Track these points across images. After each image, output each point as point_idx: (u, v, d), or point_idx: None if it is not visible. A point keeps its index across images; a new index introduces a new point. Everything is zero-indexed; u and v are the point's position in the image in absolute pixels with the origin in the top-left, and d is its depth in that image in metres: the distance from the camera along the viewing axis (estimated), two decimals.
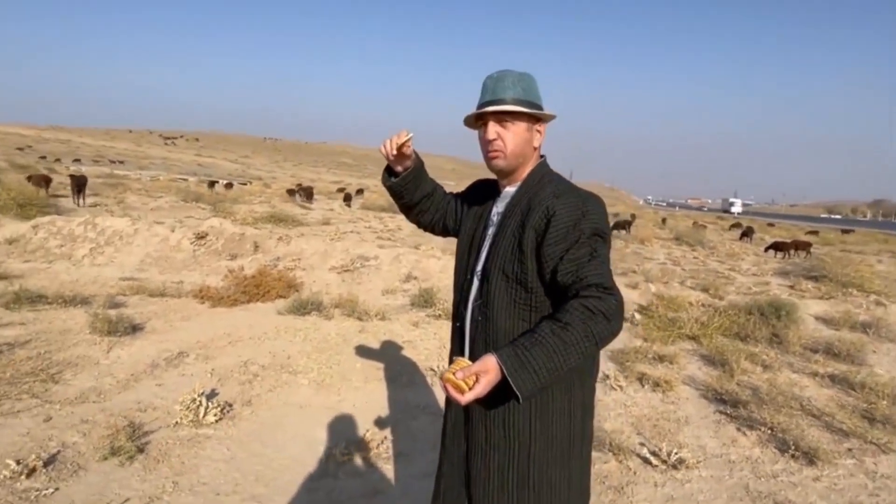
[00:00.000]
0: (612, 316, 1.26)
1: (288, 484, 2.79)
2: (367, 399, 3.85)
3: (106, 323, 4.77)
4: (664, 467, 3.08)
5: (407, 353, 4.81)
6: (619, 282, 7.93)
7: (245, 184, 34.99)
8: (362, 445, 3.17)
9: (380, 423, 3.51)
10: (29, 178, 15.20)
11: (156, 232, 8.74)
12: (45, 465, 2.72)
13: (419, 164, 1.67)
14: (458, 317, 1.60)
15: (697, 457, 3.23)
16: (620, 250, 14.23)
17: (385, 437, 3.30)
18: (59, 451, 2.88)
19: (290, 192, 23.70)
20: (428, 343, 5.09)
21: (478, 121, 1.51)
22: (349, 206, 22.73)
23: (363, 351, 4.76)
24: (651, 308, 6.59)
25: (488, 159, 1.51)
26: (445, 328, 5.48)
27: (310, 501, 2.67)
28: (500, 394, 1.24)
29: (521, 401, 1.21)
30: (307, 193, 23.62)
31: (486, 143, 1.49)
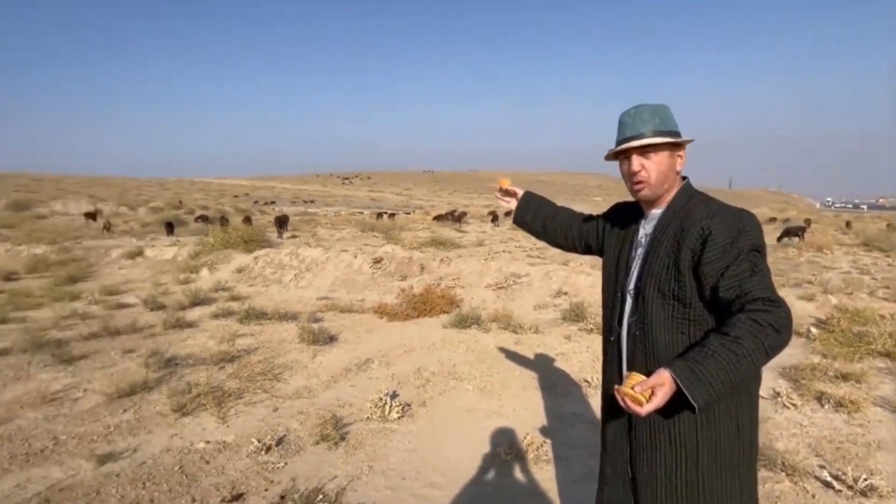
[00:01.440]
0: (781, 327, 1.24)
1: (460, 476, 3.02)
2: (526, 406, 3.97)
3: (310, 334, 5.58)
4: (850, 493, 2.71)
5: (561, 364, 4.84)
6: (791, 293, 7.03)
7: (409, 213, 37.57)
8: (523, 448, 3.29)
9: (539, 428, 3.60)
10: (244, 220, 18.33)
11: (342, 259, 9.90)
12: (277, 444, 3.31)
13: (526, 196, 1.97)
14: (611, 331, 1.62)
15: (894, 486, 2.78)
16: (793, 259, 12.48)
17: (544, 442, 3.38)
18: (285, 435, 3.47)
19: (438, 218, 24.57)
20: (581, 356, 5.05)
21: (620, 155, 1.54)
22: (496, 225, 23.12)
23: (520, 361, 4.90)
24: (831, 322, 5.73)
25: (634, 191, 1.54)
26: (598, 342, 5.36)
27: (479, 493, 2.87)
28: (665, 404, 1.27)
29: (695, 412, 1.24)
30: (456, 218, 24.44)
31: (630, 176, 1.52)
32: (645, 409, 1.24)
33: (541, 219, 1.95)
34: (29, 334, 5.51)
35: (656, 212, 1.56)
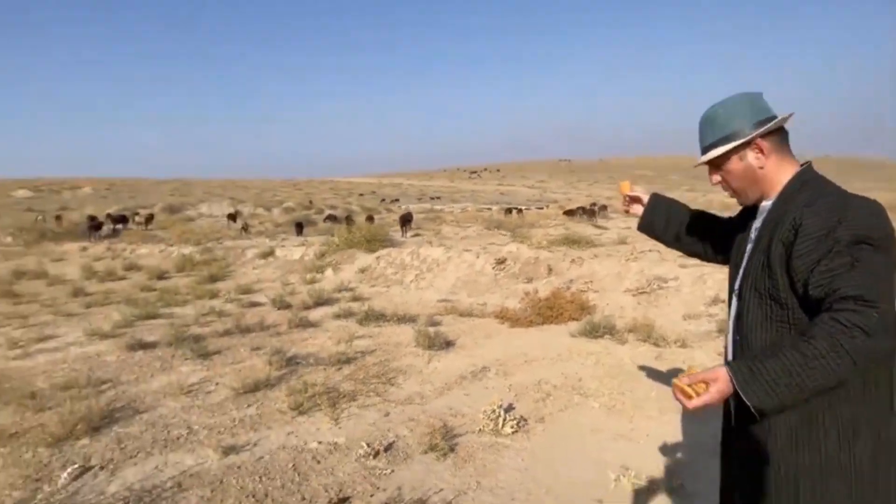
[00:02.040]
0: (872, 330, 1.15)
1: (576, 502, 2.96)
2: (662, 430, 3.75)
3: (427, 338, 5.83)
4: None
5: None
6: None
7: (541, 208, 37.19)
8: (654, 477, 3.12)
9: (675, 457, 3.39)
10: (366, 219, 19.65)
11: (464, 259, 10.17)
12: (385, 450, 3.53)
13: (653, 200, 1.92)
14: (727, 336, 1.63)
15: None
16: None
17: (679, 473, 3.18)
18: (394, 442, 3.69)
19: (569, 213, 23.78)
20: None
21: None
22: None
23: (659, 379, 4.63)
24: None
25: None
26: None
27: None
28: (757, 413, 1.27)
29: (757, 415, 1.25)
30: (589, 213, 23.49)
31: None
32: (692, 404, 1.28)
33: (674, 226, 1.90)
34: (174, 329, 6.52)
35: (766, 204, 1.52)
